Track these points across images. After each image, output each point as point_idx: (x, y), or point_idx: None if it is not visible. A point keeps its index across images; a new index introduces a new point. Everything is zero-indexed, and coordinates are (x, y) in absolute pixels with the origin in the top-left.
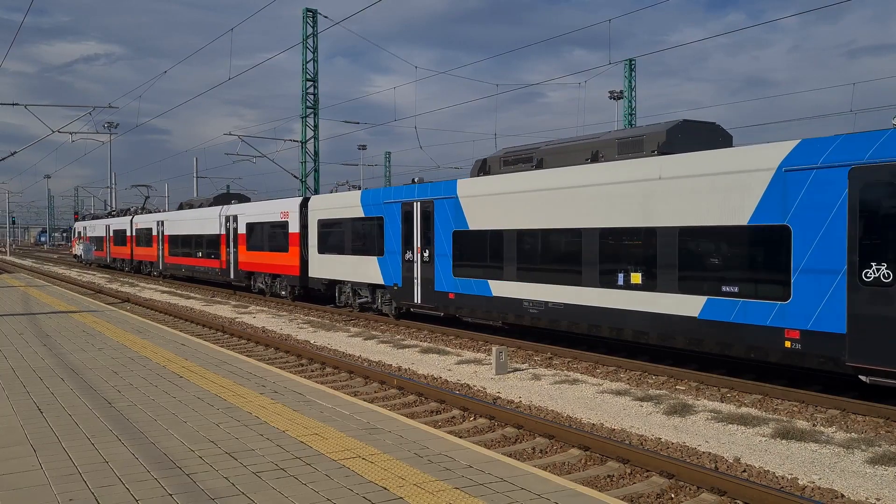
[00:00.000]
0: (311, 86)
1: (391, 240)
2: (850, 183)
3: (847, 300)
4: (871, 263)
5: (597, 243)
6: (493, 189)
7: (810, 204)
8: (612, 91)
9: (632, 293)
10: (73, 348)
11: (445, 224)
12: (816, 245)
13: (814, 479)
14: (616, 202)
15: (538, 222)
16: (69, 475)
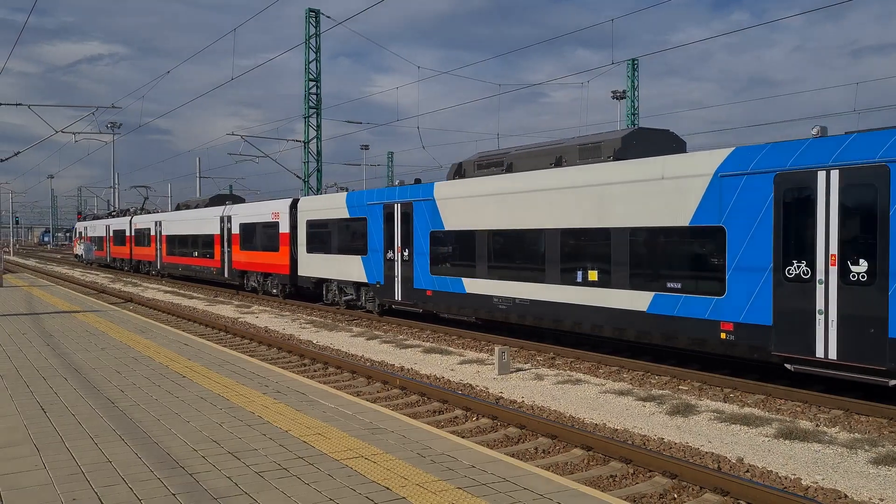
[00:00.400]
0: (313, 86)
1: (374, 240)
2: (776, 188)
3: (773, 295)
4: (793, 261)
5: (558, 243)
6: (466, 192)
7: (742, 206)
8: (614, 91)
9: (589, 289)
10: (77, 348)
11: (423, 225)
12: (747, 244)
13: (817, 480)
14: (575, 204)
15: (506, 223)
16: (72, 475)
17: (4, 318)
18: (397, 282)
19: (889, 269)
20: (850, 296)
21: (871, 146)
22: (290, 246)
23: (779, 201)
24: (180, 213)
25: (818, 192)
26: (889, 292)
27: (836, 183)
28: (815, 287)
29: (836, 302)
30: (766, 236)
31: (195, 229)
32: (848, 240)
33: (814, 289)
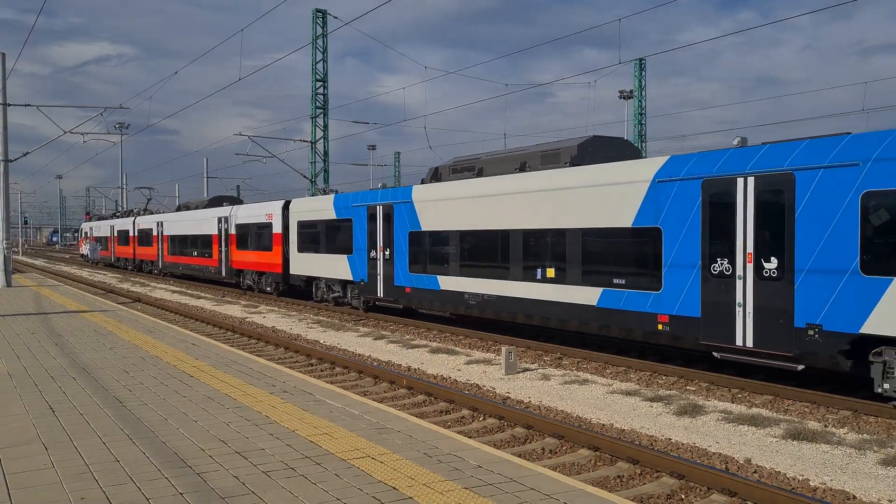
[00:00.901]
0: (320, 86)
1: (359, 240)
2: (703, 192)
3: (701, 289)
4: (717, 259)
5: (521, 243)
6: (440, 195)
7: (675, 209)
8: (621, 91)
9: (548, 286)
10: (85, 348)
11: (403, 225)
12: (680, 243)
13: (825, 481)
14: (535, 207)
15: (476, 224)
16: (81, 474)
17: (14, 318)
18: (379, 279)
19: (795, 265)
20: (764, 290)
21: (780, 156)
22: (282, 246)
23: (705, 204)
24: (181, 214)
25: (737, 196)
26: (795, 286)
27: (752, 189)
28: (735, 282)
29: (752, 295)
30: (696, 236)
31: (195, 230)
32: (761, 239)
33: (734, 284)
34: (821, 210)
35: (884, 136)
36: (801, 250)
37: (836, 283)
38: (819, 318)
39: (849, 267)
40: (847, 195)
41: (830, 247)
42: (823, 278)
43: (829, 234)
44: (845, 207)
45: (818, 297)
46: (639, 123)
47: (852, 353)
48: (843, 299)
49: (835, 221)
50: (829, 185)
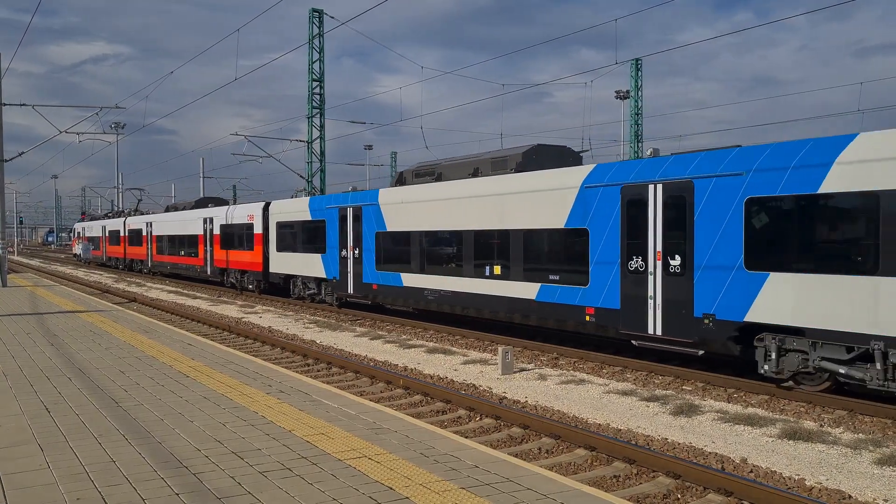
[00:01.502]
0: (317, 86)
1: (331, 240)
2: (622, 197)
3: (620, 284)
4: (633, 256)
5: (472, 243)
6: (403, 198)
7: (600, 212)
8: (618, 91)
9: (495, 282)
10: (81, 348)
11: (370, 226)
12: (603, 243)
13: (821, 480)
14: (483, 210)
15: (434, 225)
16: (76, 474)
17: (9, 318)
18: (350, 277)
19: (694, 262)
20: (670, 284)
21: (683, 165)
22: (262, 245)
23: (624, 208)
24: (169, 215)
25: (649, 201)
26: (694, 281)
27: (661, 194)
28: (648, 277)
29: (661, 289)
30: (616, 236)
31: (182, 230)
32: (668, 239)
33: (646, 279)
34: (714, 213)
35: (763, 149)
36: (699, 249)
37: (726, 278)
38: (713, 309)
39: (735, 263)
40: (734, 201)
41: (721, 245)
42: (716, 273)
43: (721, 234)
44: (732, 211)
45: (712, 290)
46: (635, 123)
47: (740, 338)
48: (732, 292)
49: (725, 223)
50: (720, 191)
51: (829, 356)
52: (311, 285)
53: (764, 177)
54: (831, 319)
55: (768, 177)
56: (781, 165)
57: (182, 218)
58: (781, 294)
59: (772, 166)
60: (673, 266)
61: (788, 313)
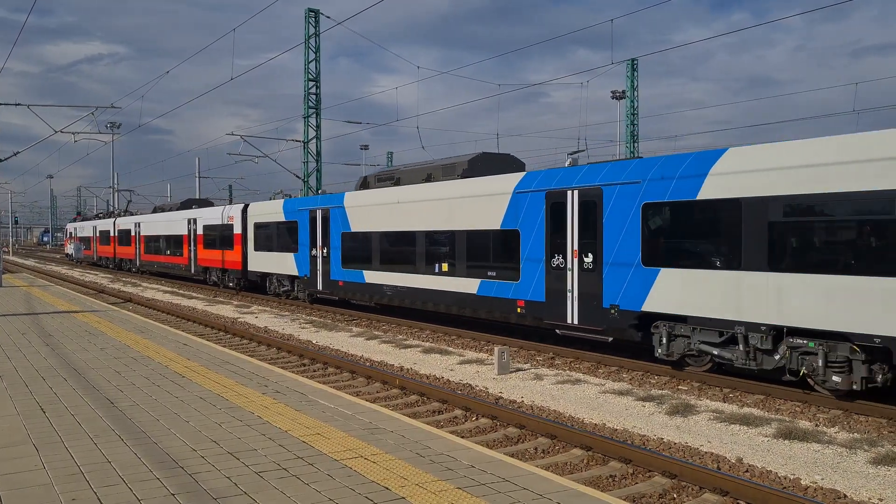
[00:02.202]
0: (313, 86)
1: (303, 239)
2: (546, 201)
3: (545, 279)
4: (555, 254)
5: (424, 242)
6: (365, 201)
7: (528, 214)
8: (614, 91)
9: (442, 278)
10: (76, 348)
11: (337, 227)
12: (531, 242)
13: (816, 480)
14: (433, 212)
15: (391, 226)
16: (72, 475)
17: (4, 318)
18: (319, 274)
19: (602, 259)
20: (585, 279)
21: (594, 174)
22: (242, 245)
23: (548, 211)
24: (156, 216)
25: (567, 205)
26: (602, 276)
27: (577, 199)
28: (567, 273)
29: (577, 283)
30: (542, 236)
31: (167, 230)
32: (583, 239)
33: (566, 274)
34: (618, 216)
35: (657, 160)
36: (607, 247)
37: (628, 273)
38: (617, 300)
39: (635, 260)
40: (633, 206)
41: (624, 244)
42: (620, 269)
43: (623, 234)
44: (632, 215)
45: (617, 283)
46: (631, 124)
47: (640, 326)
48: (632, 285)
49: (626, 225)
50: (623, 198)
51: (706, 340)
52: (285, 283)
53: (656, 185)
54: (707, 308)
55: (659, 185)
56: (669, 175)
57: (168, 219)
58: (670, 287)
59: (662, 176)
60: (586, 263)
61: (675, 303)
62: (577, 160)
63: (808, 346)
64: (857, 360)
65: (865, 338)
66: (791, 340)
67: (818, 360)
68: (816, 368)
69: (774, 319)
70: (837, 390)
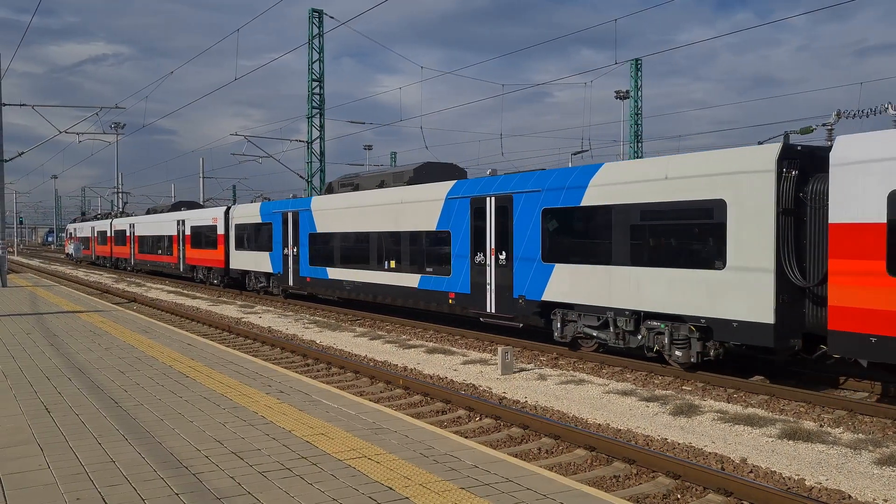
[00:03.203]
0: (317, 86)
1: (276, 240)
2: (470, 206)
3: (470, 274)
4: (478, 252)
5: (376, 242)
6: (329, 205)
7: (457, 217)
8: (618, 91)
9: (391, 273)
10: (80, 348)
11: (305, 228)
12: (459, 241)
13: (821, 480)
14: (383, 215)
15: (350, 228)
16: (76, 474)
17: (9, 319)
18: (290, 272)
19: (513, 256)
20: (500, 273)
21: (508, 183)
22: (224, 245)
23: (472, 215)
24: (149, 217)
25: (486, 210)
26: (513, 271)
27: (494, 205)
28: (486, 268)
29: (494, 277)
30: (467, 237)
31: (159, 231)
32: (498, 239)
33: (486, 269)
34: (524, 219)
35: (553, 172)
36: (516, 246)
37: (531, 268)
38: (524, 291)
39: (537, 257)
40: (535, 210)
41: (529, 243)
42: (526, 264)
43: (528, 235)
44: (535, 218)
45: (524, 277)
46: (635, 124)
47: (542, 313)
48: (535, 278)
49: (531, 227)
50: (528, 203)
51: (588, 324)
52: (261, 279)
53: (552, 194)
54: (588, 297)
55: (554, 194)
56: (561, 186)
57: (159, 220)
58: (562, 279)
59: (556, 186)
60: (501, 260)
61: (566, 293)
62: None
63: (660, 328)
64: (694, 338)
65: (696, 319)
66: (648, 323)
67: (665, 338)
68: (665, 346)
69: (635, 305)
70: (682, 363)
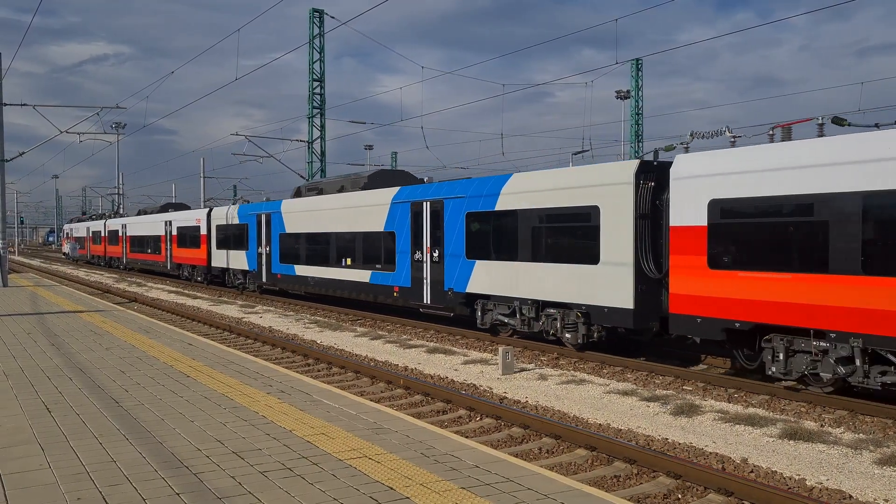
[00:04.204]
0: (317, 86)
1: (252, 239)
2: (410, 210)
3: (410, 269)
4: (416, 250)
5: (335, 241)
6: (296, 207)
7: (401, 220)
8: (618, 91)
9: (347, 270)
10: (81, 348)
11: (276, 229)
12: (402, 241)
13: (822, 480)
14: (341, 217)
15: (313, 228)
16: (77, 474)
17: (10, 318)
18: (263, 269)
19: (444, 254)
20: (434, 269)
21: (440, 190)
22: (207, 244)
23: (412, 217)
24: (139, 218)
25: (423, 213)
26: (444, 266)
27: (429, 209)
28: (423, 265)
29: (429, 272)
30: (408, 236)
31: (148, 231)
32: (432, 238)
33: (423, 265)
34: (453, 222)
35: (475, 181)
36: (447, 245)
37: (458, 264)
38: (453, 284)
39: (462, 254)
40: (461, 214)
41: (456, 243)
42: (454, 261)
43: (456, 235)
44: (461, 221)
45: (452, 272)
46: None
47: (467, 304)
48: (461, 273)
49: (458, 229)
50: (456, 208)
51: (501, 312)
52: (239, 276)
53: (473, 199)
54: (501, 289)
55: (475, 200)
56: (480, 193)
57: (148, 221)
58: (481, 274)
59: (476, 193)
60: (435, 257)
61: (485, 286)
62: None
63: (555, 314)
64: (580, 323)
65: (580, 307)
66: (547, 311)
67: (558, 323)
68: (558, 329)
69: (536, 296)
70: (572, 345)
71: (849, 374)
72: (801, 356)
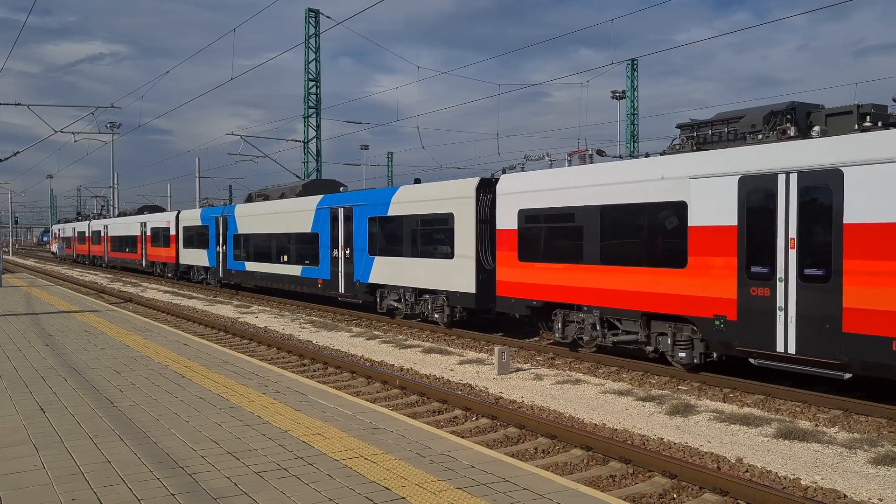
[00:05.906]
0: (313, 86)
1: (211, 239)
2: (329, 214)
3: (330, 265)
4: (334, 248)
5: (275, 241)
6: (246, 211)
7: (323, 223)
8: (614, 91)
9: (284, 265)
10: (76, 348)
11: (231, 230)
12: (324, 241)
13: (816, 480)
14: (279, 220)
15: (258, 230)
16: (72, 475)
17: (4, 318)
18: (221, 265)
19: (353, 251)
20: (346, 264)
21: (351, 198)
22: (176, 244)
23: (331, 220)
24: (119, 219)
25: (339, 217)
26: (354, 261)
27: (342, 214)
28: (339, 260)
29: (342, 266)
30: (328, 237)
31: (126, 231)
32: (345, 237)
33: (339, 261)
34: (360, 224)
35: (376, 191)
36: (356, 243)
37: (363, 259)
38: (360, 276)
39: (366, 251)
40: (365, 218)
41: (362, 242)
42: (361, 256)
43: (361, 236)
44: (365, 224)
45: (359, 266)
46: (631, 124)
47: (371, 292)
48: (364, 267)
49: (363, 230)
50: (362, 213)
51: (393, 298)
52: (202, 272)
53: (374, 207)
54: (392, 279)
55: (375, 207)
56: (378, 201)
57: (127, 222)
58: (379, 267)
59: (375, 201)
60: (347, 254)
61: (382, 277)
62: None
63: (428, 299)
64: (445, 305)
65: (443, 293)
66: (423, 297)
67: (429, 305)
68: (430, 311)
69: (414, 284)
70: (439, 322)
71: (598, 337)
72: (572, 325)
